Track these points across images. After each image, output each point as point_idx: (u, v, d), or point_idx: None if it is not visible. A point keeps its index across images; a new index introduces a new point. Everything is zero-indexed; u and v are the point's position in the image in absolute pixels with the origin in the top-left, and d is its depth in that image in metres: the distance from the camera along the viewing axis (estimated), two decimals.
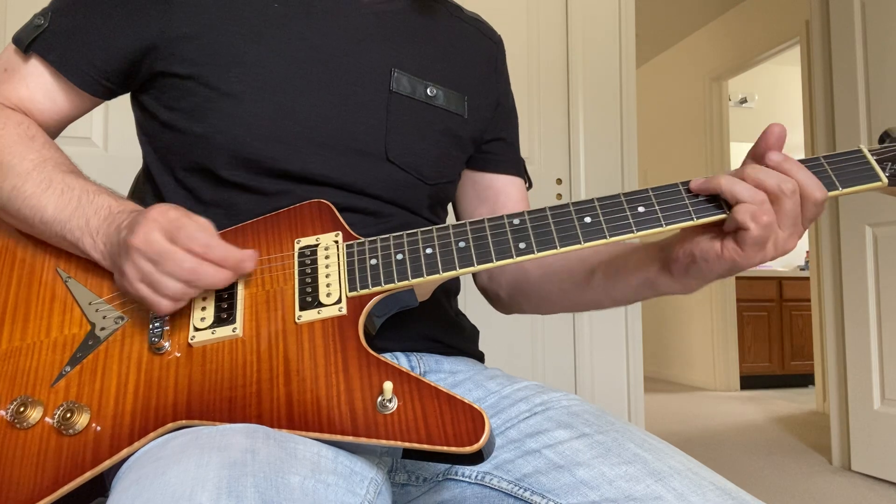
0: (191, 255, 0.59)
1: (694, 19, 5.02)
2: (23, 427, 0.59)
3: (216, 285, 0.61)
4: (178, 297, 0.60)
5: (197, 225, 0.60)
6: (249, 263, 0.62)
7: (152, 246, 0.59)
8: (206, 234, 0.60)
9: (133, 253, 0.60)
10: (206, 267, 0.59)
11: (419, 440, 0.54)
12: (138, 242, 0.59)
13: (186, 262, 0.59)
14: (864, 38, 2.67)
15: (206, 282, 0.60)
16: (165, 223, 0.60)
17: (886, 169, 0.64)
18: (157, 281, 0.59)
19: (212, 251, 0.59)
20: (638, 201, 0.64)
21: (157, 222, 0.60)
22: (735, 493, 0.60)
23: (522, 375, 0.80)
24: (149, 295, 0.60)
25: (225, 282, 0.61)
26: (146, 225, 0.60)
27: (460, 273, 0.64)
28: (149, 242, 0.59)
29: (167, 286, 0.59)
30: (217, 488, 0.47)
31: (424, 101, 0.80)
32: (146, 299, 0.60)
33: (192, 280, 0.59)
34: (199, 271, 0.59)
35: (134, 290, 0.61)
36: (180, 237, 0.59)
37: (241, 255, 0.61)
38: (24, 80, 0.75)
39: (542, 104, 2.43)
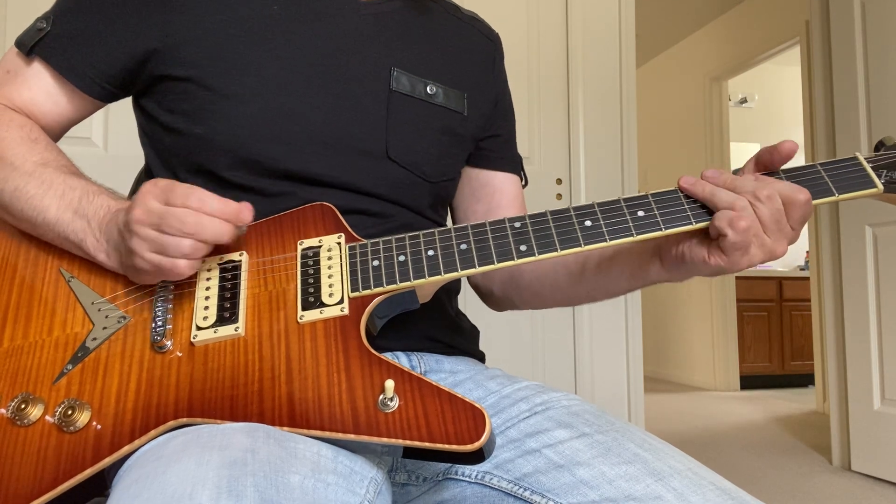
0: (190, 210, 0.59)
1: (694, 19, 5.02)
2: (24, 424, 0.59)
3: (222, 237, 0.61)
4: (192, 253, 0.60)
5: (188, 185, 0.61)
6: (247, 213, 0.62)
7: (152, 212, 0.59)
8: (199, 191, 0.60)
9: (135, 226, 0.60)
10: (207, 218, 0.60)
11: (420, 438, 0.54)
12: (138, 214, 0.60)
13: (188, 217, 0.59)
14: (864, 38, 2.68)
15: (211, 232, 0.60)
16: (157, 192, 0.60)
17: (882, 176, 0.66)
18: (166, 243, 0.60)
19: (207, 204, 0.60)
20: (638, 206, 0.66)
21: (150, 193, 0.61)
22: (735, 492, 0.60)
23: (522, 375, 0.80)
24: (162, 261, 0.60)
25: (228, 234, 0.61)
26: (142, 197, 0.61)
27: (462, 275, 0.65)
28: (148, 211, 0.60)
29: (177, 245, 0.60)
30: (217, 487, 0.47)
31: (424, 100, 0.80)
32: (161, 266, 0.61)
33: (197, 232, 0.59)
34: (202, 223, 0.60)
35: (146, 263, 0.61)
36: (175, 197, 0.60)
37: (237, 206, 0.62)
38: (27, 82, 0.75)
39: (542, 104, 2.43)
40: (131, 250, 0.61)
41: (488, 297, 0.94)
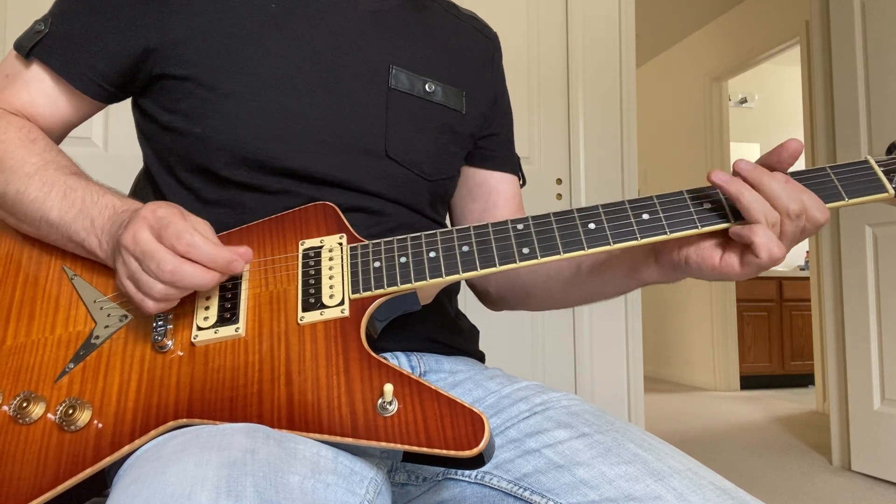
0: (172, 255, 0.58)
1: (694, 19, 5.02)
2: (25, 423, 0.59)
3: (201, 287, 0.59)
4: (161, 297, 0.59)
5: (185, 224, 0.59)
6: (239, 264, 0.60)
7: (139, 244, 0.59)
8: (192, 234, 0.58)
9: (122, 250, 0.60)
10: (188, 267, 0.58)
11: (419, 443, 0.54)
12: (127, 240, 0.60)
13: (167, 263, 0.57)
14: (864, 38, 2.68)
15: (188, 283, 0.58)
16: (154, 221, 0.59)
17: (893, 180, 0.64)
18: (140, 280, 0.59)
19: (196, 250, 0.58)
20: (642, 208, 0.65)
21: (146, 220, 0.60)
22: (734, 492, 0.60)
23: (522, 375, 0.80)
24: (134, 293, 0.60)
25: (211, 283, 0.59)
26: (136, 223, 0.60)
27: (463, 277, 0.65)
28: (136, 241, 0.59)
29: (150, 286, 0.59)
30: (216, 488, 0.47)
31: (423, 98, 0.80)
32: (132, 298, 0.60)
33: (173, 281, 0.58)
34: (181, 272, 0.58)
35: (122, 288, 0.61)
36: (166, 235, 0.58)
37: (229, 256, 0.59)
38: (26, 85, 0.75)
39: (542, 104, 2.43)
40: (115, 268, 0.62)
41: (484, 296, 0.94)
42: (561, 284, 0.81)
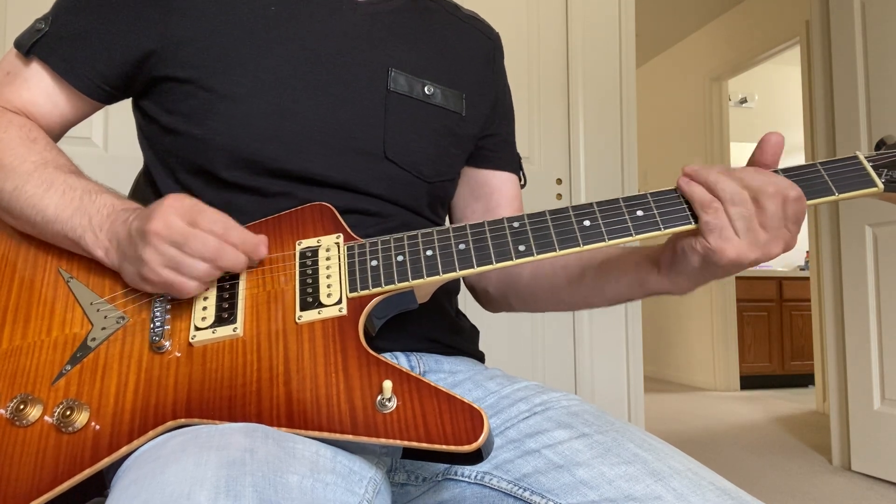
0: (213, 236, 0.61)
1: (694, 19, 5.02)
2: (22, 425, 0.59)
3: (236, 267, 0.63)
4: (205, 276, 0.61)
5: (217, 211, 0.63)
6: (263, 248, 0.65)
7: (174, 230, 0.60)
8: (227, 218, 0.63)
9: (153, 238, 0.60)
10: (229, 248, 0.62)
11: (418, 439, 0.54)
12: (159, 227, 0.60)
13: (210, 242, 0.60)
14: (864, 38, 2.68)
15: (229, 261, 0.62)
16: (184, 209, 0.61)
17: (882, 175, 0.65)
18: (183, 262, 0.60)
19: (231, 233, 0.62)
20: (637, 205, 0.65)
21: (174, 208, 0.61)
22: (734, 493, 0.60)
23: (522, 375, 0.80)
24: (174, 278, 0.61)
25: (244, 265, 0.63)
26: (164, 211, 0.61)
27: (460, 275, 0.65)
28: (170, 227, 0.60)
29: (194, 267, 0.60)
30: (215, 487, 0.47)
31: (422, 100, 0.80)
32: (172, 283, 0.61)
33: (216, 259, 0.61)
34: (223, 250, 0.61)
35: (157, 276, 0.61)
36: (202, 220, 0.61)
37: (256, 240, 0.64)
38: (26, 83, 0.75)
39: (542, 104, 2.43)
40: (142, 259, 0.61)
41: (483, 298, 0.93)
42: (566, 285, 0.81)
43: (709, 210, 0.62)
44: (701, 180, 0.64)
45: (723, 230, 0.62)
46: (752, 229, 0.62)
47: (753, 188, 0.62)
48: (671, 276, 0.69)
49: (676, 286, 0.70)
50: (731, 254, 0.62)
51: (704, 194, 0.63)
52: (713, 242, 0.62)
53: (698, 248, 0.63)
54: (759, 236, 0.62)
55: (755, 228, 0.62)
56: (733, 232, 0.62)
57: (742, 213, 0.62)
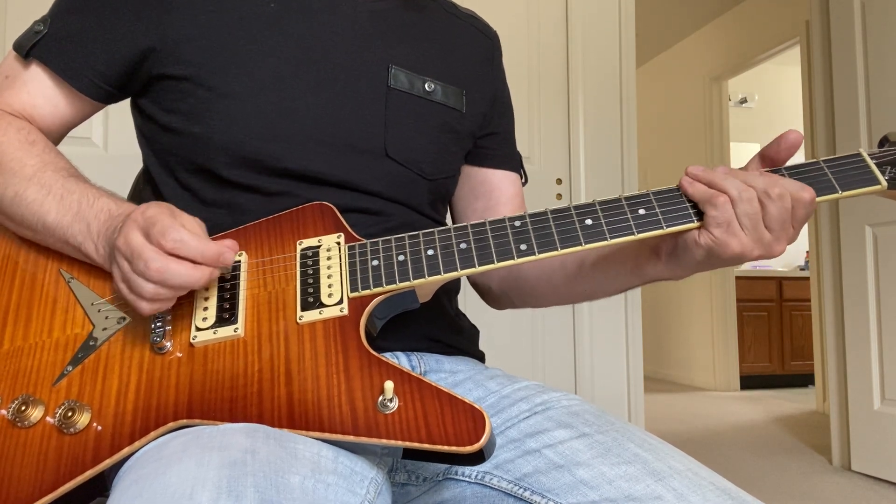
0: (158, 254, 0.57)
1: (694, 19, 5.02)
2: (24, 426, 0.59)
3: (192, 284, 0.59)
4: (152, 297, 0.58)
5: (171, 221, 0.58)
6: (229, 255, 0.59)
7: (129, 245, 0.59)
8: (178, 230, 0.57)
9: (115, 253, 0.60)
10: (175, 265, 0.57)
11: (420, 440, 0.54)
12: (120, 242, 0.60)
13: (153, 261, 0.57)
14: (864, 38, 2.67)
15: (178, 281, 0.57)
16: (142, 222, 0.59)
17: (886, 172, 0.65)
18: (131, 280, 0.59)
19: (184, 247, 0.57)
20: (639, 204, 0.65)
21: (136, 222, 0.60)
22: (735, 493, 0.60)
23: (522, 375, 0.80)
24: (127, 295, 0.60)
25: (201, 280, 0.59)
26: (127, 225, 0.60)
27: (461, 274, 0.65)
28: (126, 242, 0.59)
29: (140, 286, 0.58)
30: (217, 488, 0.47)
31: (422, 97, 0.80)
32: (126, 299, 0.60)
33: (161, 280, 0.57)
34: (168, 270, 0.57)
35: (117, 290, 0.61)
36: (152, 233, 0.58)
37: (218, 249, 0.59)
38: (26, 85, 0.75)
39: (542, 104, 2.42)
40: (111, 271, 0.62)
41: (486, 295, 0.94)
42: (564, 279, 0.81)
43: (716, 204, 0.62)
44: (705, 181, 0.64)
45: (730, 224, 0.62)
46: (756, 228, 0.62)
47: (759, 189, 0.62)
48: (670, 265, 0.70)
49: (674, 274, 0.71)
50: (736, 248, 0.63)
51: (709, 191, 0.63)
52: (719, 236, 0.63)
53: (702, 241, 0.64)
54: (764, 235, 0.63)
55: (760, 227, 0.62)
56: (739, 227, 0.62)
57: (748, 210, 0.62)
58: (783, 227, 0.63)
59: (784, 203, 0.62)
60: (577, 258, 0.79)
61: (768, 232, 0.63)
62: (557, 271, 0.82)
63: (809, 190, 0.63)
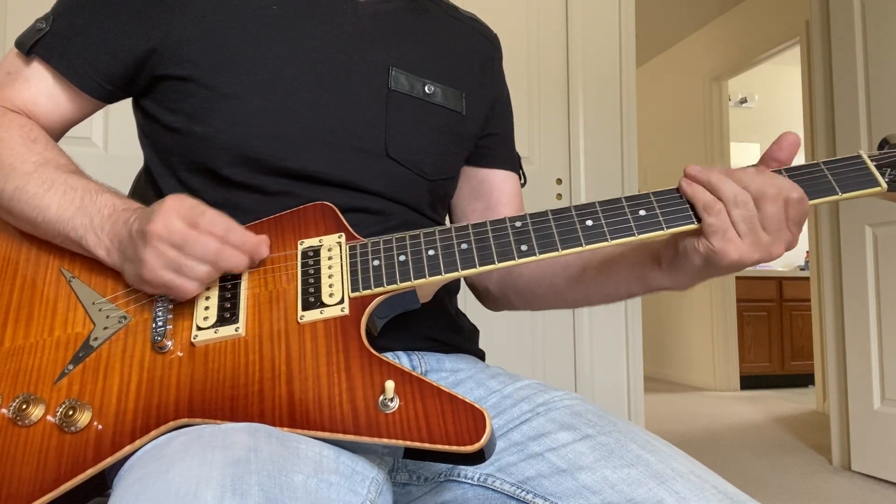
0: (214, 238, 0.61)
1: (694, 19, 5.02)
2: (25, 424, 0.59)
3: (237, 268, 0.63)
4: (206, 278, 0.62)
5: (218, 212, 0.63)
6: (265, 248, 0.65)
7: (174, 232, 0.60)
8: (227, 220, 0.62)
9: (154, 240, 0.60)
10: (229, 249, 0.62)
11: (420, 439, 0.54)
12: (159, 229, 0.60)
13: (211, 244, 0.60)
14: (864, 38, 2.68)
15: (230, 263, 0.62)
16: (184, 211, 0.61)
17: (885, 175, 0.65)
18: (184, 265, 0.60)
19: (232, 234, 0.62)
20: (639, 205, 0.65)
21: (175, 210, 0.61)
22: (737, 496, 0.60)
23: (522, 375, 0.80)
24: (174, 279, 0.61)
25: (245, 265, 0.63)
26: (165, 213, 0.61)
27: (462, 274, 0.65)
28: (170, 229, 0.60)
29: (195, 269, 0.61)
30: (221, 486, 0.47)
31: (423, 99, 0.81)
32: (172, 285, 0.61)
33: (216, 261, 0.61)
34: (224, 253, 0.61)
35: (157, 278, 0.61)
36: (202, 222, 0.61)
37: (257, 240, 0.64)
38: (27, 83, 0.75)
39: (542, 104, 2.43)
40: (142, 260, 0.61)
41: (484, 296, 0.94)
42: (566, 282, 0.81)
43: (711, 212, 0.62)
44: (702, 182, 0.64)
45: (726, 232, 0.62)
46: (754, 231, 0.62)
47: (754, 190, 0.62)
48: (671, 274, 0.69)
49: (676, 283, 0.70)
50: (734, 255, 0.62)
51: (706, 196, 0.63)
52: (716, 244, 0.62)
53: (700, 248, 0.64)
54: (762, 238, 0.62)
55: (757, 230, 0.62)
56: (736, 234, 0.62)
57: (744, 214, 0.62)
58: (780, 227, 0.63)
59: (780, 203, 0.62)
60: (580, 261, 0.79)
61: (766, 234, 0.62)
62: (560, 273, 0.81)
63: (798, 189, 0.63)
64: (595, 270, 0.77)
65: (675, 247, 0.67)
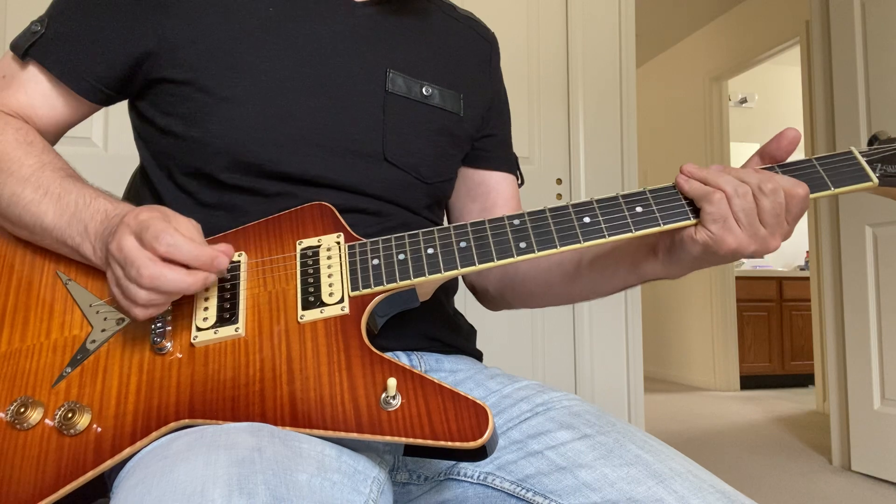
0: (151, 260, 0.56)
1: (694, 19, 5.02)
2: (23, 428, 0.59)
3: (185, 290, 0.58)
4: (146, 303, 0.58)
5: (164, 225, 0.57)
6: (223, 260, 0.58)
7: (122, 251, 0.58)
8: (171, 234, 0.56)
9: (109, 258, 0.60)
10: (169, 272, 0.56)
11: (423, 436, 0.54)
12: (113, 248, 0.59)
13: (145, 268, 0.56)
14: (864, 38, 2.68)
15: (171, 287, 0.57)
16: (135, 226, 0.58)
17: (876, 170, 0.67)
18: (124, 287, 0.58)
19: (176, 250, 0.56)
20: (636, 202, 0.66)
21: (129, 226, 0.59)
22: (734, 496, 0.60)
23: (522, 375, 0.80)
24: (121, 300, 0.59)
25: (195, 285, 0.58)
26: (120, 230, 0.59)
27: (462, 272, 0.65)
28: (119, 247, 0.58)
29: (133, 293, 0.58)
30: (228, 485, 0.47)
31: (420, 101, 0.80)
32: (120, 305, 0.60)
33: (154, 286, 0.56)
34: (160, 277, 0.56)
35: (113, 295, 0.61)
36: (146, 238, 0.57)
37: (212, 253, 0.57)
38: (23, 86, 0.75)
39: (542, 104, 2.43)
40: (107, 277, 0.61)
41: (483, 296, 0.94)
42: (561, 279, 0.81)
43: (712, 201, 0.63)
44: (700, 178, 0.65)
45: (726, 220, 0.63)
46: (752, 223, 0.63)
47: (753, 184, 0.63)
48: (667, 264, 0.70)
49: (670, 272, 0.71)
50: (732, 244, 0.63)
51: (704, 187, 0.64)
52: (716, 232, 0.63)
53: (699, 238, 0.65)
54: (759, 230, 0.64)
55: (755, 223, 0.63)
56: (735, 223, 0.63)
57: (744, 206, 0.63)
58: (778, 222, 0.64)
59: (777, 198, 0.63)
60: (574, 257, 0.79)
61: (763, 227, 0.64)
62: (555, 270, 0.82)
63: (803, 186, 0.64)
64: (590, 263, 0.78)
65: (673, 237, 0.68)
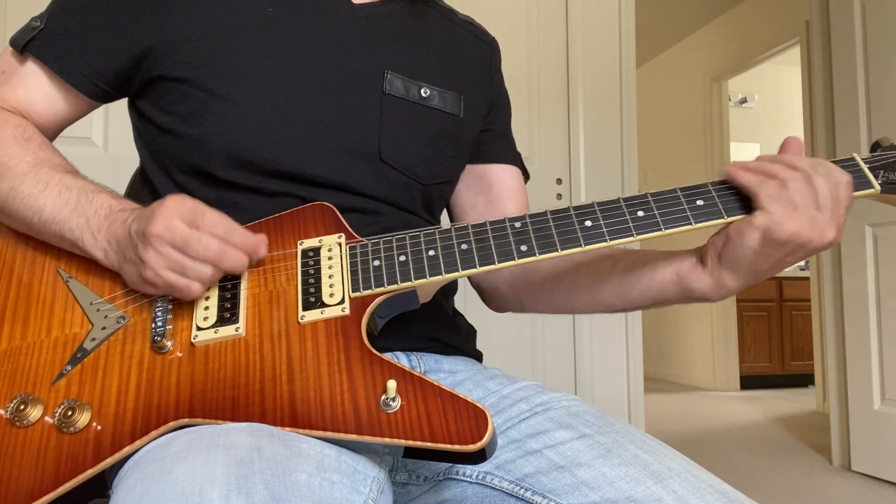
0: (216, 239, 0.61)
1: (694, 19, 5.02)
2: (23, 425, 0.59)
3: (238, 268, 0.63)
4: (209, 279, 0.62)
5: (218, 213, 0.63)
6: (263, 248, 0.65)
7: (176, 232, 0.60)
8: (228, 220, 0.62)
9: (154, 241, 0.60)
10: (231, 250, 0.62)
11: (422, 438, 0.54)
12: (160, 230, 0.60)
13: (213, 245, 0.60)
14: (864, 38, 2.68)
15: (232, 263, 0.62)
16: (185, 211, 0.61)
17: (879, 176, 0.66)
18: (187, 265, 0.60)
19: (233, 235, 0.62)
20: (637, 205, 0.66)
21: (176, 211, 0.61)
22: (733, 496, 0.60)
23: (522, 375, 0.80)
24: (177, 281, 0.61)
25: (245, 265, 0.63)
26: (166, 213, 0.60)
27: (462, 274, 0.65)
28: (171, 229, 0.60)
29: (197, 270, 0.60)
30: (227, 485, 0.47)
31: (418, 102, 0.80)
32: (175, 285, 0.61)
33: (219, 261, 0.61)
34: (226, 253, 0.61)
35: (159, 279, 0.61)
36: (204, 222, 0.61)
37: (256, 240, 0.64)
38: (22, 81, 0.75)
39: (542, 104, 2.43)
40: (143, 261, 0.61)
41: (490, 296, 0.92)
42: (589, 281, 0.77)
43: (769, 184, 0.62)
44: (751, 168, 0.64)
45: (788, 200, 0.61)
46: (810, 206, 0.61)
47: (805, 167, 0.62)
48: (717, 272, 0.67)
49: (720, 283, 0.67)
50: (792, 226, 0.61)
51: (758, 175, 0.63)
52: (776, 212, 0.61)
53: (757, 222, 0.62)
54: (817, 217, 0.62)
55: (811, 205, 0.61)
56: (794, 203, 0.61)
57: (800, 187, 0.61)
58: (833, 206, 0.62)
59: (832, 178, 0.62)
60: (608, 260, 0.76)
61: (820, 212, 0.61)
62: (584, 271, 0.78)
63: (845, 173, 0.63)
64: (625, 269, 0.74)
65: (727, 233, 0.65)
